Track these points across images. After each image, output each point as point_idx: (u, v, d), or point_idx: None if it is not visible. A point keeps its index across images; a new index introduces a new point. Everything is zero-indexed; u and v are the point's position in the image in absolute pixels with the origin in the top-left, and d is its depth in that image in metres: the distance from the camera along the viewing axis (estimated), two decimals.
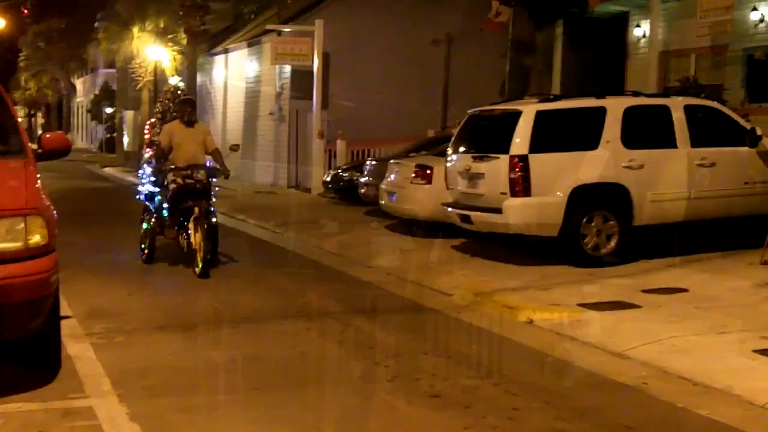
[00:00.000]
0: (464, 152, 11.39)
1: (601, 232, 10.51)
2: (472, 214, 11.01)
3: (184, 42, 28.55)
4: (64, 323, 7.15)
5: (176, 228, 10.96)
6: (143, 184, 11.97)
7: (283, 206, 18.83)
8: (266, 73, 25.38)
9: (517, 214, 10.41)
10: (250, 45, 26.84)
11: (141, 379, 6.45)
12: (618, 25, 18.25)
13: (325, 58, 21.61)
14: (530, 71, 15.60)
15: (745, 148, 11.14)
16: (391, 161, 14.60)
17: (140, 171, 12.55)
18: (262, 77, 25.99)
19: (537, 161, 10.31)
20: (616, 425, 5.69)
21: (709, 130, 11.14)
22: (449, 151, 11.84)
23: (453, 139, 11.93)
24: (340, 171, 19.00)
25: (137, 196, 12.16)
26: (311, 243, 13.74)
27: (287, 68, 23.53)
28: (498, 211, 10.51)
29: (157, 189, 11.38)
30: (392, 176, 14.02)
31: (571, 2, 16.18)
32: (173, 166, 10.96)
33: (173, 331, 8.06)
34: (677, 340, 7.36)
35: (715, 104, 11.83)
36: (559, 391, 6.38)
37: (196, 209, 10.54)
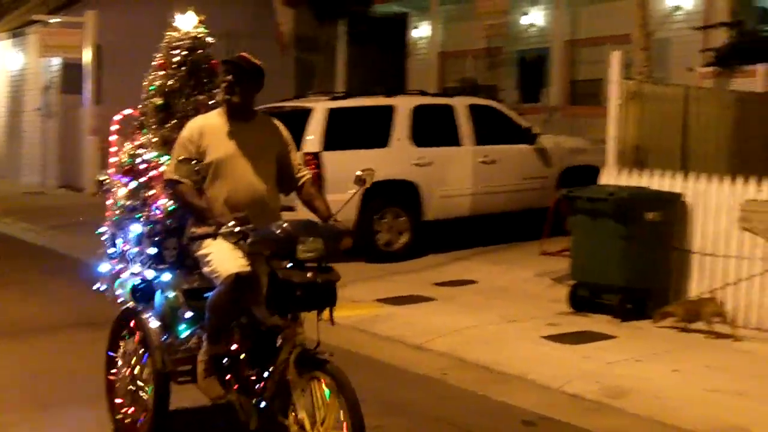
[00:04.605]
0: None
1: (393, 228, 10.72)
2: None
3: None
4: None
5: (229, 375, 4.77)
6: (124, 261, 5.48)
7: (54, 207, 17.75)
8: (32, 66, 23.89)
9: None
10: (14, 36, 25.21)
11: None
12: (399, 26, 18.69)
13: (99, 51, 20.63)
14: (315, 68, 15.68)
15: (524, 146, 11.73)
16: None
17: (106, 233, 5.77)
18: (27, 70, 24.45)
19: (330, 159, 10.34)
20: (425, 417, 5.79)
21: (491, 128, 11.63)
22: None
23: None
24: None
25: (99, 287, 5.67)
26: (91, 247, 13.02)
27: (57, 61, 22.25)
28: (291, 209, 10.38)
29: (167, 276, 5.05)
30: None
31: (353, 1, 16.39)
32: (225, 222, 4.51)
33: None
34: (472, 331, 7.63)
35: (495, 104, 12.38)
36: (367, 387, 6.35)
37: (299, 331, 4.57)
